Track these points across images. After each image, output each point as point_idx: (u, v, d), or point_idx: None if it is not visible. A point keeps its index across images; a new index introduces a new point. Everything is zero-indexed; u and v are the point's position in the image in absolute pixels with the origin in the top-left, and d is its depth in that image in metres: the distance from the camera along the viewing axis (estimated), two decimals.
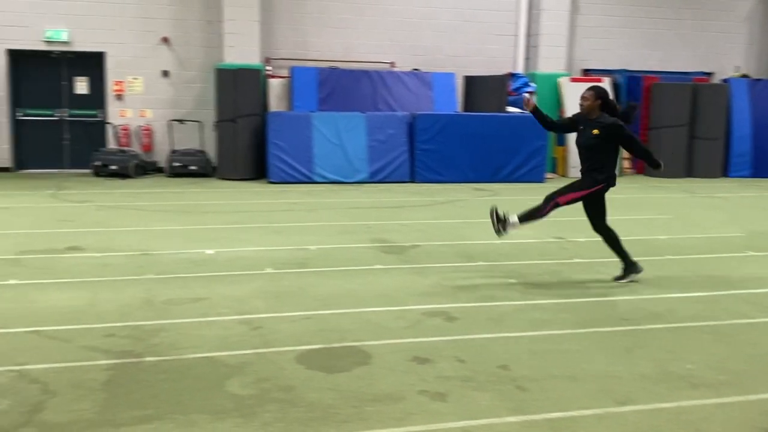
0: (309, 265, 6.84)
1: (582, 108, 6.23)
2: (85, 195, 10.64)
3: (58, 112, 13.21)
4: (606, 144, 6.10)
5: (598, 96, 6.12)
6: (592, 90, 6.16)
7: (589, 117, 6.16)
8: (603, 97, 6.14)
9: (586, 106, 6.16)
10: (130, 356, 4.57)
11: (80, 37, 12.96)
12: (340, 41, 14.08)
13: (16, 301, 5.61)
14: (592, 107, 6.13)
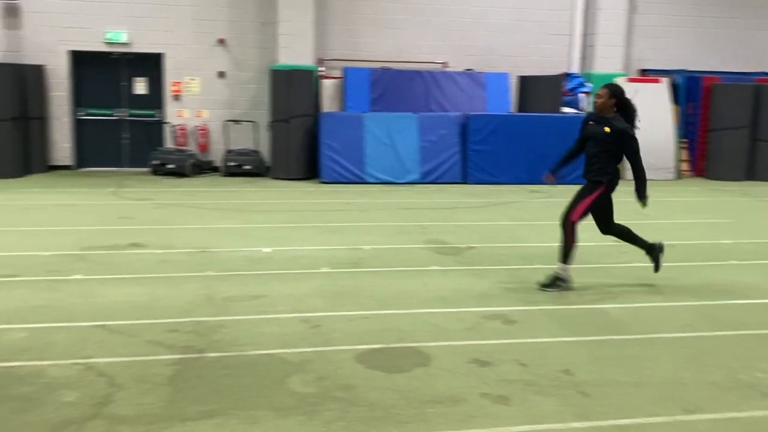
0: (364, 265, 6.85)
1: (595, 106, 6.09)
2: (144, 193, 10.88)
3: (117, 112, 13.55)
4: (613, 147, 5.90)
5: (613, 95, 5.92)
6: (606, 88, 5.99)
7: (602, 115, 5.98)
8: (618, 96, 5.92)
9: (600, 104, 5.98)
10: (193, 351, 4.65)
11: (139, 38, 13.26)
12: (392, 41, 14.09)
13: (81, 295, 5.76)
14: (606, 106, 5.93)
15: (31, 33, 12.89)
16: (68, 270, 6.45)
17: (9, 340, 4.75)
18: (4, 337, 4.81)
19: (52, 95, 13.03)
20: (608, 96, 5.90)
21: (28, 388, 4.04)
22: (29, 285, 5.98)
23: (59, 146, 13.15)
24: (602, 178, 5.94)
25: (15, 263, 6.61)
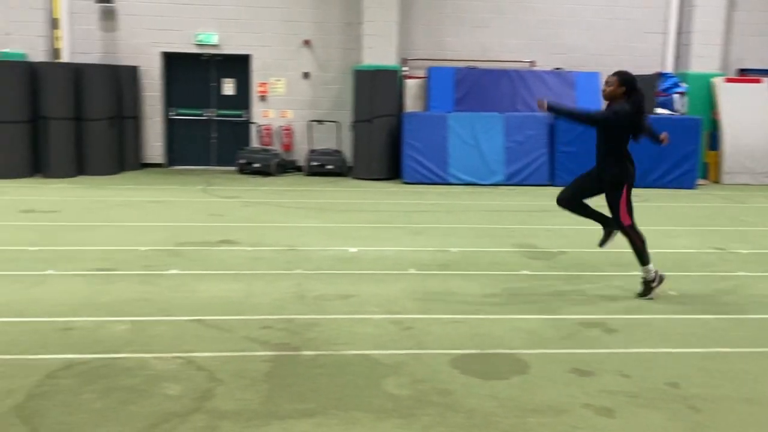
0: (452, 268, 6.75)
1: (604, 94, 5.78)
2: (232, 191, 11.12)
3: (206, 112, 13.92)
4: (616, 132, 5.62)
5: (623, 83, 5.61)
6: (616, 75, 5.70)
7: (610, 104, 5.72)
8: (628, 84, 5.60)
9: (609, 92, 5.67)
10: (288, 349, 4.68)
11: (228, 40, 13.57)
12: (477, 40, 13.92)
13: (177, 290, 5.89)
14: (616, 94, 5.62)
15: (126, 35, 13.39)
16: (164, 265, 6.62)
17: (113, 332, 4.90)
18: (108, 329, 4.97)
19: (146, 95, 13.50)
20: (618, 84, 5.61)
21: (134, 380, 4.15)
22: (128, 279, 6.17)
23: (151, 145, 13.62)
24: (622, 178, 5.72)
25: (114, 257, 6.84)
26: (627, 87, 5.59)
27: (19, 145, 11.50)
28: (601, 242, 6.10)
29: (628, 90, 5.59)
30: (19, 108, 11.49)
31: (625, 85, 5.59)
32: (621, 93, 5.59)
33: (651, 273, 5.80)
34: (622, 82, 5.61)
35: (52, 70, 11.90)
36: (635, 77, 5.74)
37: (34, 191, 10.38)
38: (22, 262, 6.59)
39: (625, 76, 5.66)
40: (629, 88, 5.59)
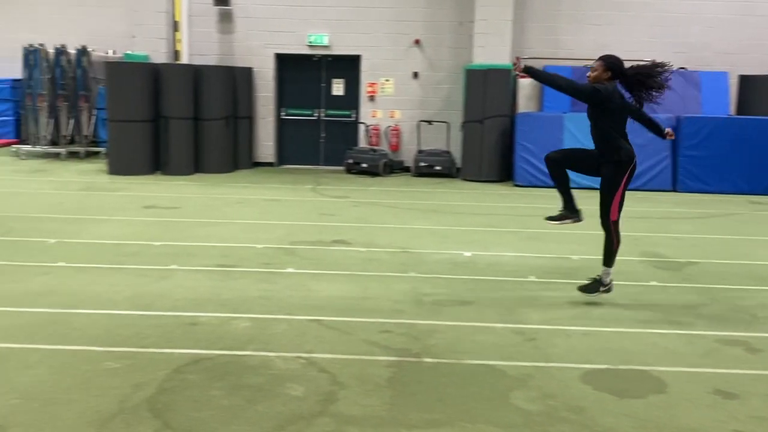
0: (575, 276, 6.45)
1: (588, 79, 5.39)
2: (341, 191, 11.17)
3: (316, 112, 14.10)
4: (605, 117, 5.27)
5: (608, 67, 5.27)
6: (601, 60, 5.36)
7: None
8: (614, 69, 5.26)
9: (593, 77, 5.33)
10: (409, 355, 4.57)
11: (339, 41, 13.69)
12: (595, 38, 13.39)
13: (295, 288, 5.91)
14: (600, 79, 5.28)
15: (241, 37, 13.76)
16: (281, 263, 6.68)
17: (236, 329, 4.95)
18: (231, 325, 5.03)
19: (258, 96, 13.81)
20: (603, 68, 5.29)
21: (259, 379, 4.15)
22: (248, 276, 6.25)
23: (263, 144, 13.92)
24: (616, 157, 5.34)
25: (233, 254, 6.97)
26: (613, 72, 5.29)
27: (142, 143, 12.02)
28: (551, 216, 5.90)
29: (614, 75, 5.29)
30: (143, 108, 12.00)
31: (611, 69, 5.29)
32: (606, 78, 5.29)
33: (608, 278, 5.58)
34: (608, 66, 5.30)
35: (173, 71, 12.36)
36: (622, 61, 5.38)
37: (156, 188, 10.80)
38: (147, 256, 6.82)
39: (610, 59, 5.35)
40: (615, 72, 5.29)
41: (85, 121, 14.08)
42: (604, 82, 5.28)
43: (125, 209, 9.06)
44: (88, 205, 9.25)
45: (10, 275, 6.04)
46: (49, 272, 6.16)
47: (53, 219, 8.28)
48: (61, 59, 13.81)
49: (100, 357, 4.39)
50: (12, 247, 6.98)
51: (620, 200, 5.46)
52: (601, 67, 5.32)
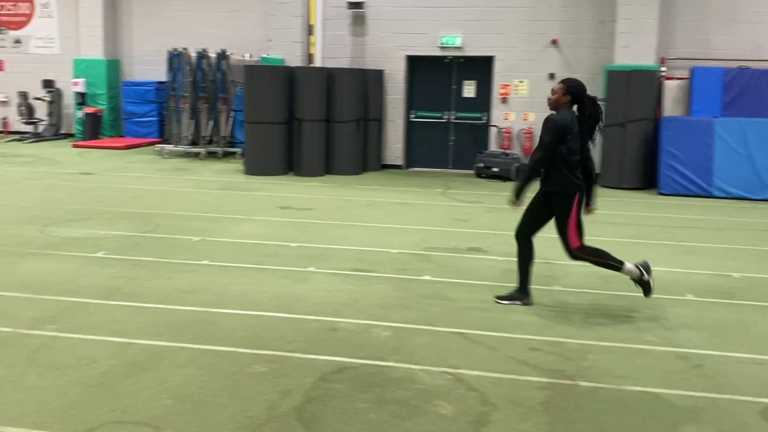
0: (739, 297, 5.88)
1: (548, 102, 5.33)
2: (472, 196, 10.91)
3: (446, 115, 13.90)
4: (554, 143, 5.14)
5: (568, 91, 5.19)
6: (563, 83, 5.26)
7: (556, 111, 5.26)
8: (574, 93, 5.18)
9: (553, 100, 5.27)
10: (562, 377, 4.26)
11: (472, 42, 13.42)
12: (750, 38, 12.35)
13: (434, 297, 5.73)
14: (560, 103, 5.22)
15: (373, 39, 13.79)
16: (417, 270, 6.53)
17: (377, 338, 4.83)
18: (371, 333, 4.91)
19: (389, 98, 13.78)
20: (563, 92, 5.21)
21: (405, 393, 3.99)
22: (384, 282, 6.14)
23: (392, 146, 13.87)
24: (566, 189, 5.24)
25: (368, 258, 6.89)
26: (573, 96, 5.20)
27: (276, 144, 12.28)
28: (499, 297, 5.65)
29: (574, 99, 5.21)
30: (278, 110, 12.26)
31: (570, 93, 5.20)
32: (566, 102, 5.21)
33: (635, 272, 5.34)
34: (567, 90, 5.21)
35: (307, 74, 12.56)
36: (583, 86, 5.28)
37: (289, 189, 10.98)
38: (286, 257, 6.86)
39: (570, 84, 5.25)
40: (575, 97, 5.21)
41: (223, 123, 14.62)
42: (562, 107, 5.23)
43: (262, 209, 9.23)
44: (227, 205, 9.51)
45: (158, 271, 6.24)
46: (194, 270, 6.31)
47: (196, 217, 8.55)
48: (202, 63, 14.41)
49: (247, 359, 4.40)
50: (160, 243, 7.25)
51: (575, 227, 5.35)
52: (561, 91, 5.24)
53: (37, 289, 5.63)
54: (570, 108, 5.25)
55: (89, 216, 8.44)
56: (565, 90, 5.23)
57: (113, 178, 11.30)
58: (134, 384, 4.01)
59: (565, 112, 5.21)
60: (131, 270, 6.27)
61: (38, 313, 5.09)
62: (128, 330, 4.82)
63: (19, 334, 4.69)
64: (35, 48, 17.24)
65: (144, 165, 13.01)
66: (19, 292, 5.54)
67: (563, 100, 5.23)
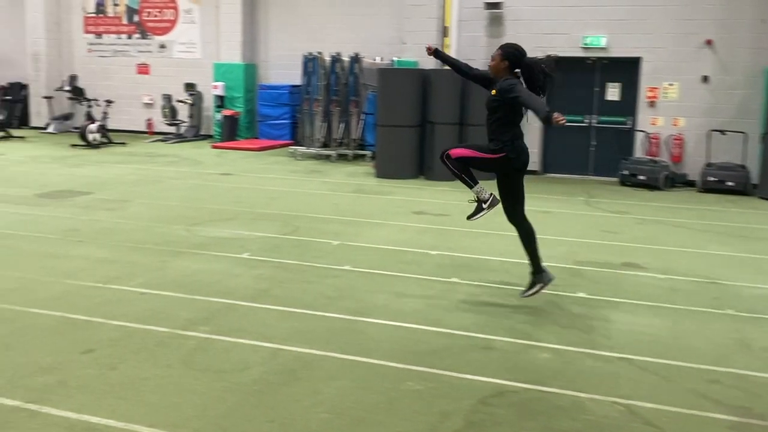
0: None
1: (489, 69, 5.36)
2: (618, 205, 10.26)
3: (587, 118, 13.24)
4: (502, 111, 5.18)
5: (505, 57, 5.19)
6: (500, 49, 5.27)
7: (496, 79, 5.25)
8: (511, 58, 5.18)
9: (492, 66, 5.28)
10: (751, 416, 3.78)
11: (617, 42, 12.69)
12: None
13: (591, 318, 5.32)
14: (499, 69, 5.22)
15: (511, 40, 13.30)
16: (569, 285, 6.11)
17: (536, 359, 4.50)
18: (529, 354, 4.59)
19: None
20: (500, 58, 5.21)
21: (575, 424, 3.65)
22: (535, 297, 5.73)
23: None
24: (497, 146, 5.27)
25: (516, 271, 6.48)
26: (510, 61, 5.19)
27: (408, 148, 12.14)
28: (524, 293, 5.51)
29: (511, 65, 5.19)
30: (410, 113, 12.13)
31: (508, 59, 5.19)
32: (504, 68, 5.20)
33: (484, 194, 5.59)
34: (505, 55, 5.21)
35: (441, 76, 12.33)
36: (522, 51, 5.24)
37: (421, 193, 10.80)
38: (426, 266, 6.64)
39: (507, 50, 5.25)
40: (513, 62, 5.19)
41: (353, 125, 14.68)
42: (502, 72, 5.22)
43: (396, 214, 9.08)
44: (362, 208, 9.44)
45: (303, 275, 6.19)
46: (337, 275, 6.22)
47: (332, 220, 8.52)
48: (335, 66, 14.54)
49: (400, 375, 4.19)
50: (300, 246, 7.23)
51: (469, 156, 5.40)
52: (499, 56, 5.24)
53: (189, 288, 5.71)
54: (509, 73, 5.23)
55: (231, 216, 8.60)
56: (503, 55, 5.23)
57: (251, 179, 11.56)
58: (289, 394, 3.90)
59: (512, 79, 5.16)
60: (276, 272, 6.26)
61: (192, 313, 5.15)
62: (278, 335, 4.75)
63: (176, 334, 4.74)
64: (178, 53, 18.08)
65: (278, 166, 13.26)
66: (172, 291, 5.64)
67: (502, 66, 5.24)
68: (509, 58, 5.21)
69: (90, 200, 9.44)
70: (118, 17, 18.80)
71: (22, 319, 4.95)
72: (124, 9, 18.72)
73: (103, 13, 18.91)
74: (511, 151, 5.26)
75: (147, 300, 5.44)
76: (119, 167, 12.53)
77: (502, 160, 5.31)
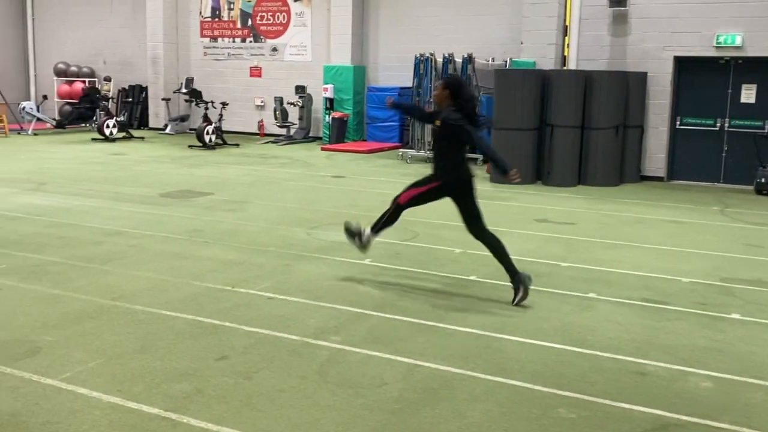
0: None
1: (434, 98, 5.98)
2: (760, 216, 9.45)
3: (719, 122, 12.33)
4: (444, 141, 5.63)
5: (446, 86, 5.62)
6: (442, 80, 5.82)
7: (440, 109, 5.70)
8: (451, 88, 5.59)
9: (435, 96, 5.83)
10: None
11: (754, 40, 11.78)
12: None
13: (753, 342, 4.80)
14: (441, 98, 5.64)
15: (635, 40, 12.65)
16: (720, 305, 5.58)
17: (696, 389, 4.06)
18: (688, 382, 4.15)
19: (651, 103, 12.56)
20: (442, 88, 5.67)
21: None
22: (685, 318, 5.30)
23: (653, 156, 12.60)
24: (435, 172, 5.72)
25: (655, 286, 6.06)
26: (450, 90, 5.57)
27: (526, 152, 11.70)
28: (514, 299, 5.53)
29: (451, 93, 5.55)
30: (528, 115, 11.69)
31: (448, 88, 5.59)
32: (446, 96, 5.57)
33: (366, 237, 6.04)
34: (445, 86, 5.62)
35: (561, 77, 11.84)
36: (460, 81, 5.84)
37: (540, 199, 10.35)
38: (559, 279, 6.26)
39: (448, 81, 5.72)
40: (453, 91, 5.56)
41: None
42: (444, 101, 5.57)
43: (517, 221, 8.70)
44: None
45: (428, 285, 5.96)
46: (464, 286, 5.95)
47: (450, 226, 8.17)
48: (448, 67, 14.25)
49: (548, 400, 3.87)
50: (422, 253, 7.02)
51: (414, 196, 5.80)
52: (440, 86, 5.67)
53: (315, 294, 5.59)
54: (451, 102, 5.53)
55: (349, 220, 8.47)
56: (443, 85, 5.65)
57: (362, 182, 11.47)
58: (433, 416, 3.66)
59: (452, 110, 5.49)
60: (401, 281, 6.06)
61: (320, 321, 5.01)
62: (413, 350, 4.53)
63: (307, 343, 4.60)
64: (289, 55, 18.33)
65: (388, 169, 13.13)
66: (298, 296, 5.54)
67: (443, 95, 5.59)
68: (450, 88, 5.60)
69: (210, 201, 9.59)
70: (233, 21, 19.28)
71: (155, 321, 4.96)
72: (239, 13, 19.18)
73: (219, 18, 19.45)
74: (443, 175, 5.65)
75: (275, 305, 5.36)
76: (235, 168, 12.75)
77: (443, 186, 5.68)
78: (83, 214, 8.50)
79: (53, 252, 6.69)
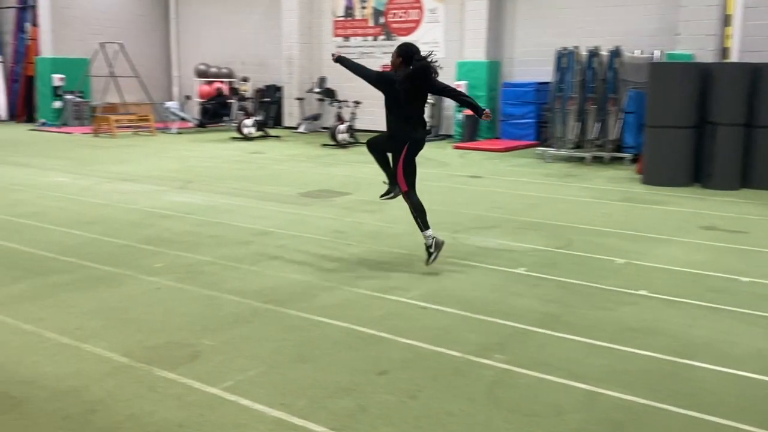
0: None
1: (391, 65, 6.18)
2: None
3: None
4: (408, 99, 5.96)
5: (400, 53, 6.00)
6: (397, 48, 6.08)
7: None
8: (404, 55, 5.96)
9: (391, 63, 6.12)
10: None
11: None
12: None
13: None
14: (395, 64, 6.02)
15: None
16: None
17: None
18: None
19: None
20: (396, 55, 5.99)
21: None
22: None
23: None
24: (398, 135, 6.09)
25: None
26: (403, 57, 5.94)
27: (682, 152, 10.79)
28: (382, 194, 6.53)
29: (404, 60, 5.92)
30: (686, 112, 10.77)
31: (402, 55, 5.95)
32: (399, 63, 5.96)
33: (430, 240, 6.03)
34: (399, 52, 5.98)
35: (723, 70, 10.83)
36: (414, 48, 6.02)
37: (701, 204, 9.48)
38: (739, 296, 5.54)
39: (401, 47, 6.03)
40: (405, 58, 5.92)
41: (611, 125, 13.52)
42: (399, 68, 5.94)
43: (680, 228, 7.96)
44: (637, 220, 8.42)
45: (593, 299, 5.46)
46: (635, 302, 5.39)
47: (608, 233, 7.66)
48: (593, 61, 13.49)
49: None
50: (580, 263, 6.50)
51: (404, 170, 6.07)
52: (395, 54, 6.01)
53: (471, 306, 5.24)
54: (405, 67, 5.88)
55: (493, 224, 8.10)
56: (397, 52, 6.00)
57: (502, 183, 11.02)
58: None
59: (399, 71, 5.93)
60: (561, 293, 5.60)
61: (482, 337, 4.66)
62: (590, 375, 4.08)
63: (470, 361, 4.26)
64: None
65: (528, 169, 12.59)
66: (453, 307, 5.21)
67: (397, 62, 5.98)
68: (403, 56, 5.96)
69: (349, 201, 9.49)
70: (365, 20, 19.32)
71: (309, 327, 4.80)
72: (371, 11, 19.19)
73: (351, 17, 19.55)
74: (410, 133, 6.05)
75: (430, 316, 5.06)
76: (368, 167, 12.62)
77: (411, 144, 6.07)
78: (230, 212, 8.62)
79: (206, 251, 6.75)
